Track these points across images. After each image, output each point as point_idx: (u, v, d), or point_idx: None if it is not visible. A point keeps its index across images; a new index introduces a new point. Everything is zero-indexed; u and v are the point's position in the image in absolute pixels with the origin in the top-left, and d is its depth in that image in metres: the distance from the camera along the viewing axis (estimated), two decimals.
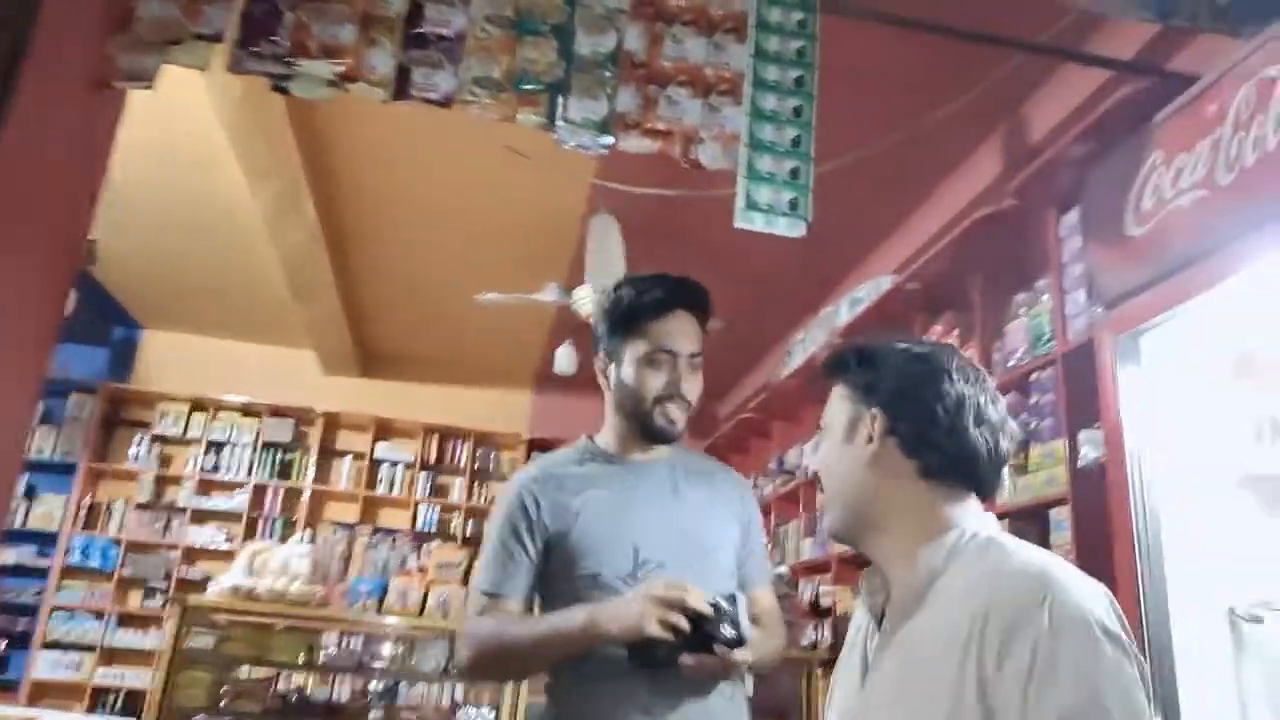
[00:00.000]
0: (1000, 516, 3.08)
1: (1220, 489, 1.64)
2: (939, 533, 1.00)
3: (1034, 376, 3.02)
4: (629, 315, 1.61)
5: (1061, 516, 2.74)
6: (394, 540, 3.33)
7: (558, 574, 1.55)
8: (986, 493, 1.04)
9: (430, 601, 2.98)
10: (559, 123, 1.89)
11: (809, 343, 4.90)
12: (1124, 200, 1.57)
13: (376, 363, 7.20)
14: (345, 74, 1.83)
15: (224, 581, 2.93)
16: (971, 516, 1.02)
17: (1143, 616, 1.49)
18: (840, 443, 1.09)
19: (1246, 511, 1.61)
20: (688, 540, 1.56)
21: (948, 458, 1.02)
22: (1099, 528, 2.68)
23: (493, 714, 3.25)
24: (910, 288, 3.80)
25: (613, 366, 1.64)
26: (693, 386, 1.61)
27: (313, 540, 3.35)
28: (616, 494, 1.58)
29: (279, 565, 2.83)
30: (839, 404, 1.12)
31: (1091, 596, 0.89)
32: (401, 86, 1.84)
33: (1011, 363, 3.15)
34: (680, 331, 1.59)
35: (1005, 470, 1.05)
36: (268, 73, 1.82)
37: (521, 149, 3.43)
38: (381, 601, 2.95)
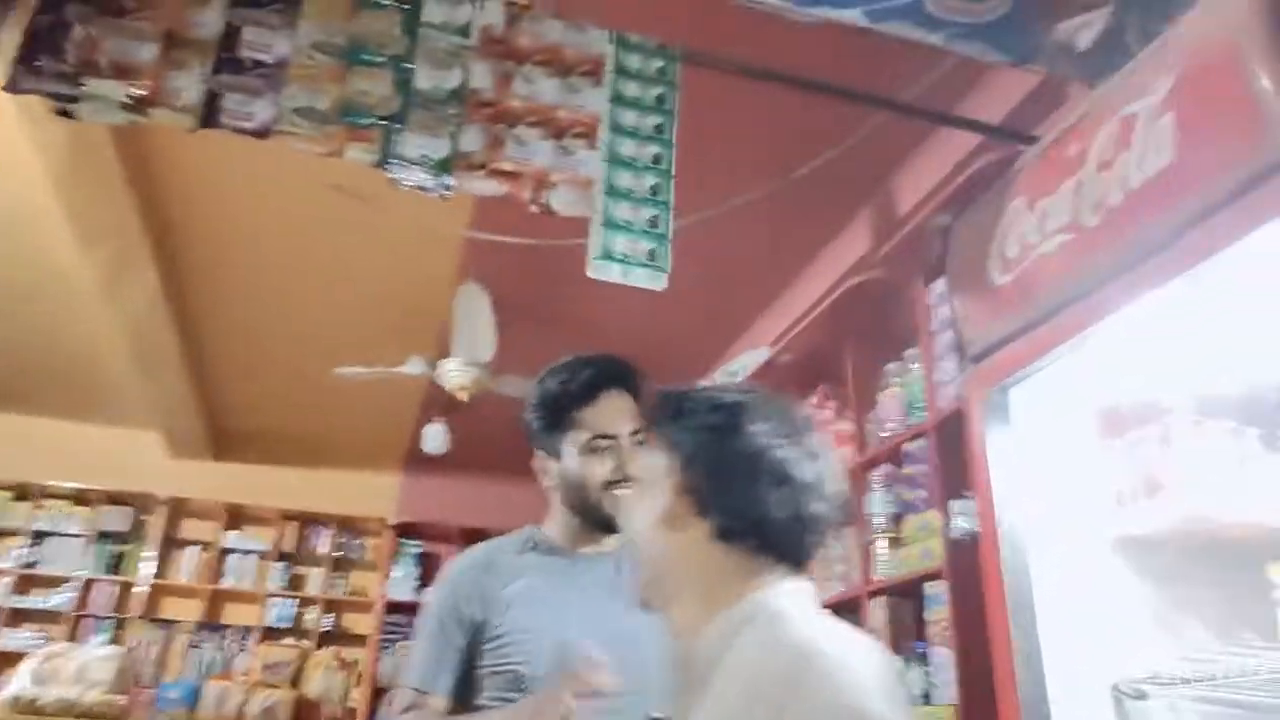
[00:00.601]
0: (877, 593, 3.00)
1: (1094, 554, 1.55)
2: (729, 605, 0.89)
3: (907, 447, 2.97)
4: (560, 406, 1.55)
5: (938, 590, 2.65)
6: (223, 638, 2.94)
7: (479, 668, 1.46)
8: (794, 561, 0.91)
9: (253, 708, 2.61)
10: (392, 160, 1.71)
11: None
12: (988, 249, 1.51)
13: (229, 444, 6.67)
14: (144, 98, 1.61)
15: (5, 692, 2.48)
16: (773, 587, 0.90)
17: (1020, 694, 1.36)
18: (644, 500, 0.98)
19: (1119, 577, 1.52)
20: (622, 644, 1.39)
21: (740, 520, 0.91)
22: (976, 601, 2.61)
23: None
24: (785, 360, 3.74)
25: (552, 462, 1.57)
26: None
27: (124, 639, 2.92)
28: (552, 587, 1.49)
29: (74, 672, 2.42)
30: (651, 456, 1.01)
31: (862, 679, 0.78)
32: (211, 114, 1.64)
33: (885, 433, 3.09)
34: (616, 411, 1.53)
35: (821, 537, 0.92)
36: (50, 92, 1.58)
37: (376, 201, 3.21)
38: (194, 709, 2.56)
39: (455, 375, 4.41)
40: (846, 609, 3.19)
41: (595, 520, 1.52)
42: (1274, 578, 1.25)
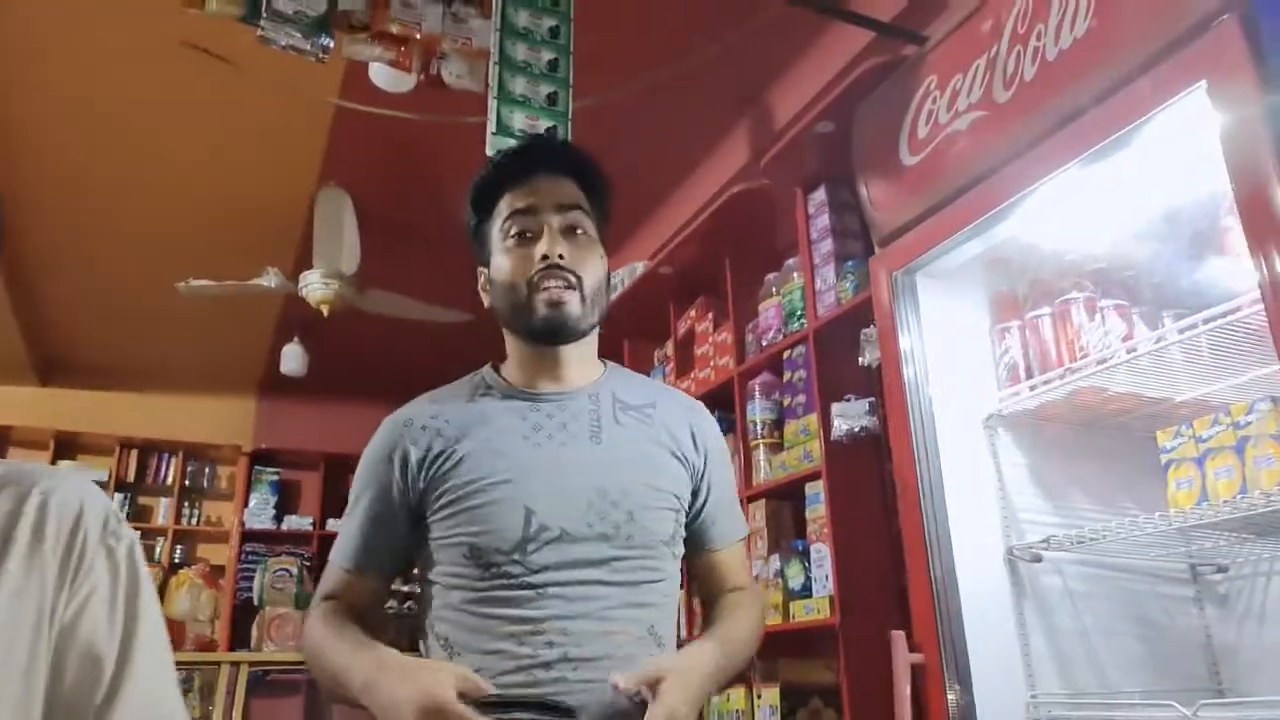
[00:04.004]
0: (758, 496, 3.07)
1: (982, 430, 1.59)
2: None
3: (787, 354, 3.01)
4: (485, 188, 1.28)
5: (817, 489, 2.73)
6: None
7: (430, 541, 1.20)
8: None
9: None
10: (264, 17, 1.53)
11: None
12: (898, 129, 1.50)
13: (59, 369, 6.11)
14: None
15: None
16: None
17: (930, 561, 1.40)
18: None
19: (1005, 451, 1.58)
20: (605, 501, 1.18)
21: None
22: (854, 497, 2.71)
23: None
24: (664, 272, 3.71)
25: (485, 271, 1.30)
26: (579, 254, 1.23)
27: None
28: (512, 437, 1.21)
29: None
30: None
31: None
32: None
33: (765, 341, 3.13)
34: (542, 188, 1.25)
35: None
36: None
37: (236, 70, 2.92)
38: None
39: (317, 288, 4.16)
40: None
41: (530, 329, 1.23)
42: (1163, 443, 1.33)
